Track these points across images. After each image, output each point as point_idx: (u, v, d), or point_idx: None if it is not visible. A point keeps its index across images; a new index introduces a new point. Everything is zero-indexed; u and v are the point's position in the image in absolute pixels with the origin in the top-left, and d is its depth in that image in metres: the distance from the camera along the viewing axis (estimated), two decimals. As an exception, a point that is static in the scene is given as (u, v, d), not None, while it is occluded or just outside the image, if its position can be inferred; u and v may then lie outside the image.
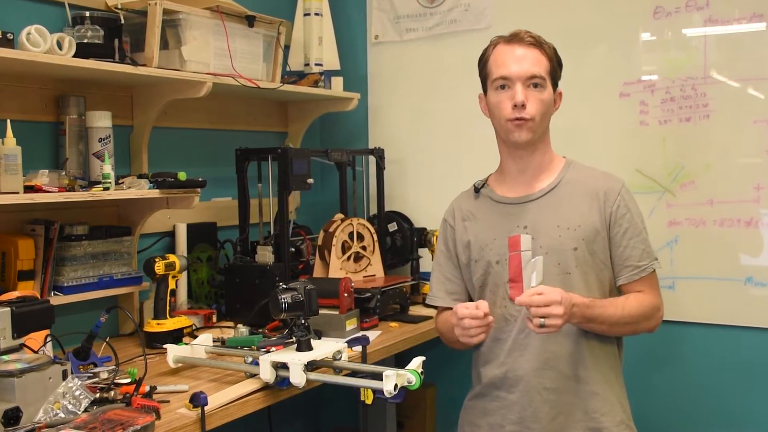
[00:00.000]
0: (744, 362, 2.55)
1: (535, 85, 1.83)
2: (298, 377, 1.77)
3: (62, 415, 1.49)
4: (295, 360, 1.77)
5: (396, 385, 1.63)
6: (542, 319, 1.66)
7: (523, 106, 1.82)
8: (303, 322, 1.88)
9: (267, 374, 1.80)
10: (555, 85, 1.89)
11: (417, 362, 1.69)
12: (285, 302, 1.84)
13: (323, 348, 1.89)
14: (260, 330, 2.33)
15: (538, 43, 1.86)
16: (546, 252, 1.84)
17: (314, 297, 1.88)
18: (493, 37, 1.93)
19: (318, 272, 2.67)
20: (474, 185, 2.02)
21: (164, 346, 2.04)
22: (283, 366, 1.79)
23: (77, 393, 1.54)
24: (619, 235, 1.86)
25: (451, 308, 1.92)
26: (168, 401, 1.74)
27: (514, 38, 1.87)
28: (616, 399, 1.90)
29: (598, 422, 1.86)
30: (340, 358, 1.90)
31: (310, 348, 1.87)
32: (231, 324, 2.45)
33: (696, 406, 2.63)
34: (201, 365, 2.00)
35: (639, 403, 2.68)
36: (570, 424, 1.85)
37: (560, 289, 1.71)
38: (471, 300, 1.97)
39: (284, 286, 1.89)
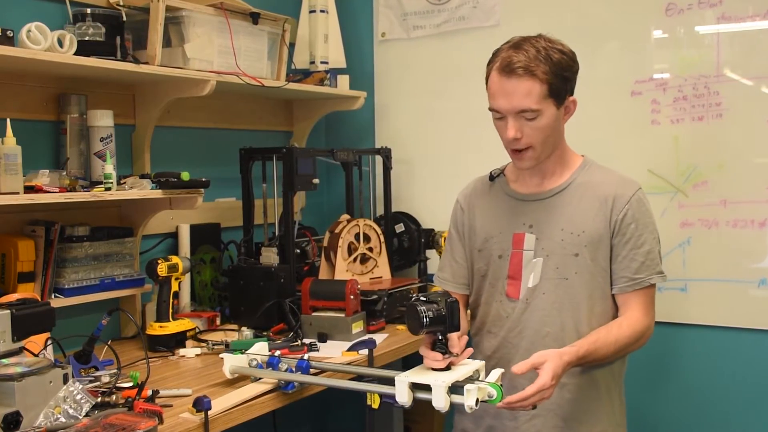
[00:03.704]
0: (758, 366, 2.51)
1: (528, 117, 1.75)
2: (441, 401, 1.56)
3: (63, 420, 1.49)
4: (438, 382, 1.56)
5: (477, 400, 1.53)
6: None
7: (517, 139, 1.77)
8: (442, 338, 1.65)
9: (404, 397, 1.59)
10: (561, 98, 1.77)
11: (496, 375, 1.58)
12: (426, 317, 1.61)
13: (462, 368, 1.66)
14: (265, 333, 2.32)
15: (529, 72, 1.71)
16: (547, 254, 1.83)
17: (456, 310, 1.64)
18: (497, 50, 1.80)
19: (323, 274, 2.64)
20: (490, 172, 1.99)
21: (221, 356, 1.91)
22: (424, 387, 1.59)
23: (78, 397, 1.53)
24: (620, 245, 1.81)
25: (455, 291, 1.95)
26: (171, 405, 1.72)
27: (505, 69, 1.74)
28: (601, 408, 1.86)
29: (572, 430, 1.83)
30: (478, 377, 1.67)
31: (447, 367, 1.66)
32: (235, 327, 2.43)
33: (708, 410, 2.59)
34: (257, 375, 1.88)
35: (649, 407, 2.66)
36: (545, 429, 1.83)
37: (553, 360, 1.61)
38: (470, 286, 1.96)
39: (423, 298, 1.64)
